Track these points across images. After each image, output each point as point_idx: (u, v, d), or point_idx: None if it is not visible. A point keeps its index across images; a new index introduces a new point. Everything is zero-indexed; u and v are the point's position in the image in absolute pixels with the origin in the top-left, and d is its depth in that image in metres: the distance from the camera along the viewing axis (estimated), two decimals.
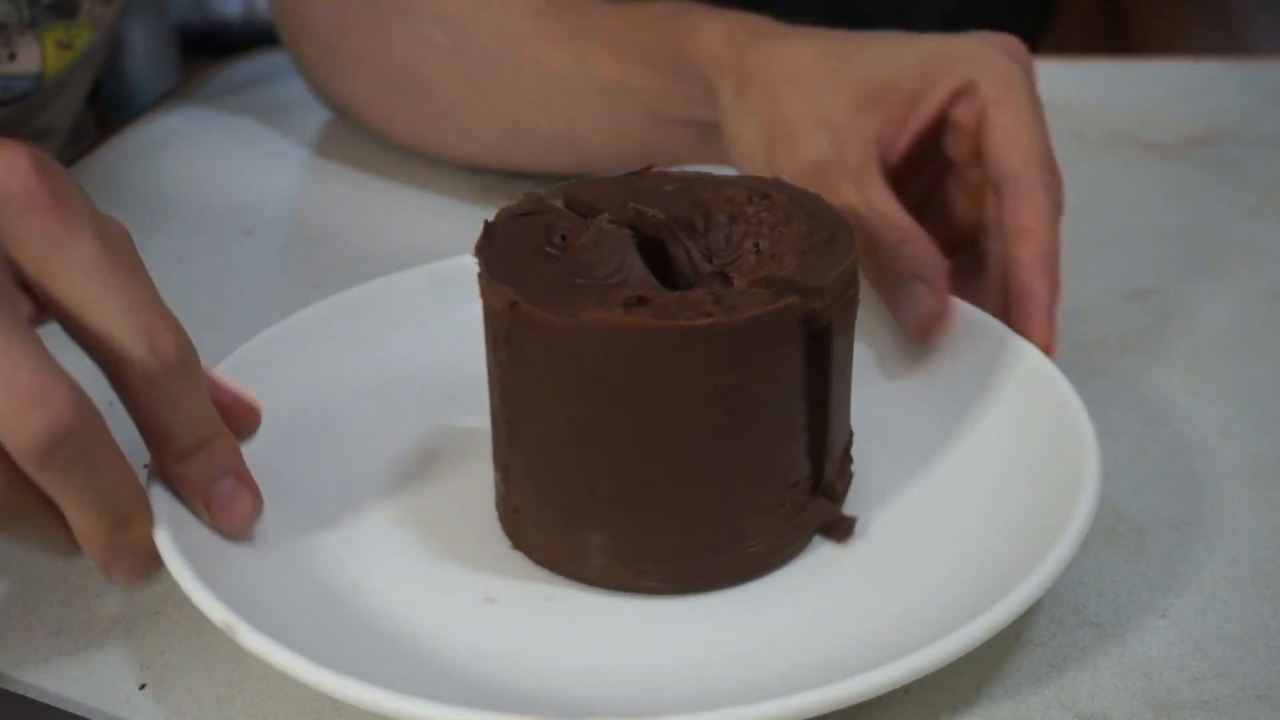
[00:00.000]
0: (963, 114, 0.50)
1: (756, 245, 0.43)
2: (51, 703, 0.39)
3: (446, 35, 0.66)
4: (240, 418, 0.43)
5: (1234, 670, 0.40)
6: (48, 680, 0.40)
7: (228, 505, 0.40)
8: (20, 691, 0.39)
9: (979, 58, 0.51)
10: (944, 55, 0.51)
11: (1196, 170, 0.76)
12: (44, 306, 0.37)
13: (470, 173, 0.75)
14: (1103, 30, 2.11)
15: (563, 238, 0.43)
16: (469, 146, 0.70)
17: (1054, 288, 0.48)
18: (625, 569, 0.42)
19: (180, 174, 0.77)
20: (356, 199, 0.75)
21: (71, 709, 0.39)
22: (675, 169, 0.47)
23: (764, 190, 0.45)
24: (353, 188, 0.76)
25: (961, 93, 0.50)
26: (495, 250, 0.42)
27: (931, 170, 0.54)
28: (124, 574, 0.38)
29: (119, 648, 0.41)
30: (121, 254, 0.37)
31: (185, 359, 0.38)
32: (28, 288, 0.37)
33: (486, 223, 0.44)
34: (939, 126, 0.52)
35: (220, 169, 0.78)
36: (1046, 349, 0.47)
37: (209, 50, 1.36)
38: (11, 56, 0.66)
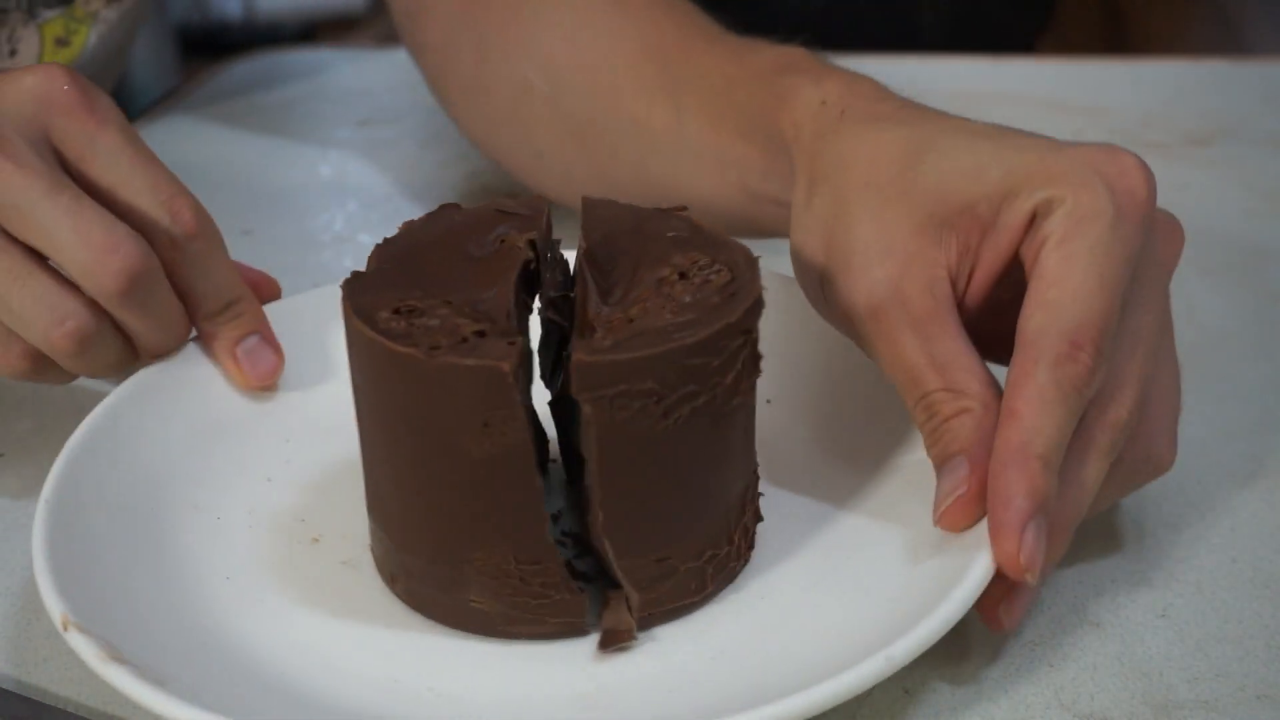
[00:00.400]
0: (1026, 248, 0.41)
1: (645, 310, 0.39)
2: (51, 703, 0.39)
3: (545, 82, 0.62)
4: (263, 289, 0.51)
5: (1233, 670, 0.40)
6: (48, 680, 0.40)
7: (253, 361, 0.48)
8: (20, 692, 0.40)
9: (1069, 180, 0.40)
10: (1030, 171, 0.41)
11: (1196, 170, 0.76)
12: (85, 191, 0.44)
13: (470, 175, 0.75)
14: (1103, 30, 2.11)
15: (501, 242, 0.42)
16: (568, 192, 0.63)
17: (1034, 493, 0.37)
18: (387, 570, 0.42)
19: (179, 174, 0.77)
20: (356, 200, 0.75)
21: (71, 709, 0.39)
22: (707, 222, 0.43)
23: (732, 264, 0.41)
24: (352, 188, 0.76)
25: (1037, 216, 0.41)
26: (418, 235, 0.43)
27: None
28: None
29: None
30: (142, 145, 0.46)
31: (204, 227, 0.46)
32: (71, 176, 0.44)
33: (443, 205, 0.44)
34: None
35: (219, 169, 0.78)
36: (1010, 569, 0.37)
37: (209, 50, 1.36)
38: (13, 53, 0.66)
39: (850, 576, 0.42)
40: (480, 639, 0.40)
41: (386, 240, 0.42)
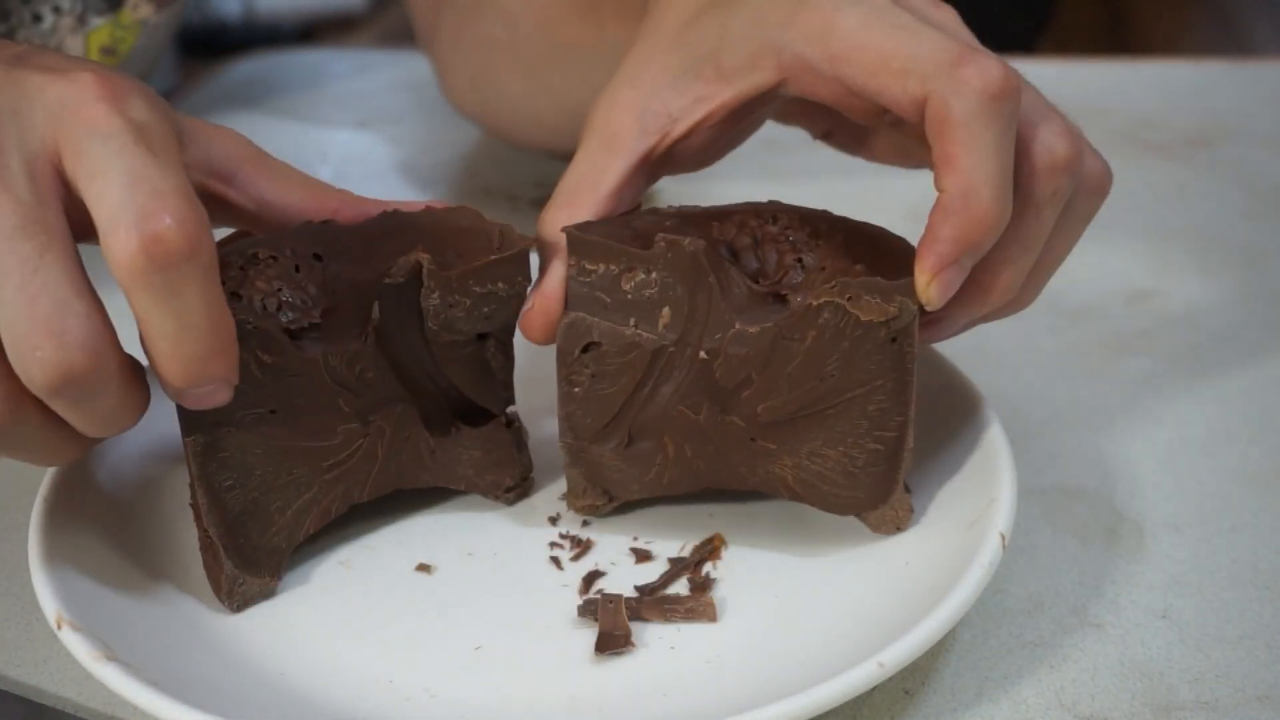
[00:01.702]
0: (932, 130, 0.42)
1: (799, 260, 0.42)
2: (51, 703, 0.39)
3: (504, 31, 0.67)
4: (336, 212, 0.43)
5: (1234, 671, 0.40)
6: (48, 680, 0.40)
7: (202, 399, 0.37)
8: (20, 692, 0.39)
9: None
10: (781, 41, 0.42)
11: (1196, 170, 0.76)
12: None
13: (471, 175, 0.75)
14: (1103, 30, 2.11)
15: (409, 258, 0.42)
16: (543, 136, 0.69)
17: (964, 241, 0.39)
18: None
19: None
20: None
21: (71, 709, 0.39)
22: (667, 206, 0.45)
23: (770, 212, 0.43)
24: (352, 189, 0.76)
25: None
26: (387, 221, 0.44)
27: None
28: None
29: None
30: (152, 144, 0.36)
31: (180, 254, 0.34)
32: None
33: (463, 206, 0.44)
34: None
35: None
36: (924, 295, 0.39)
37: (209, 50, 1.36)
38: None
39: (846, 584, 0.42)
40: (472, 642, 0.40)
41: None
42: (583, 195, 0.43)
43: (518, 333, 0.44)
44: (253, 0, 2.02)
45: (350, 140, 0.82)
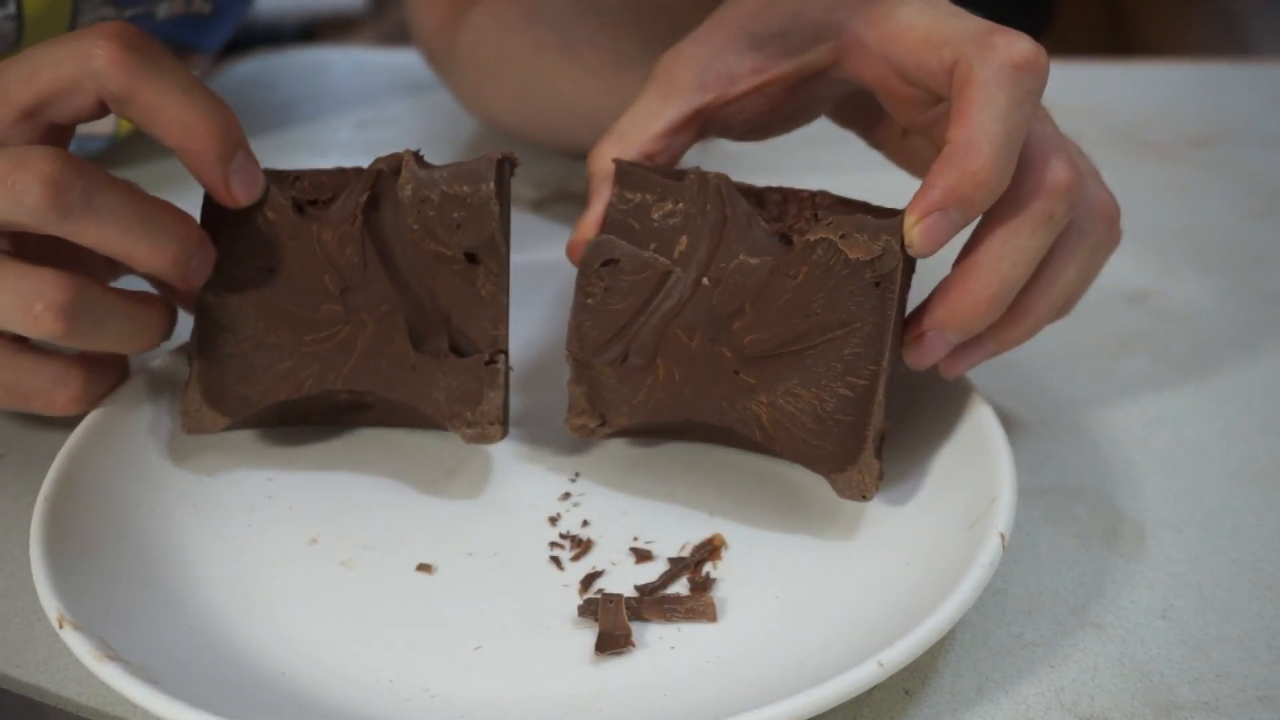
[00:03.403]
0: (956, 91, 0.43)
1: (815, 215, 0.45)
2: (51, 703, 0.39)
3: (557, 35, 0.68)
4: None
5: (1234, 671, 0.40)
6: (48, 680, 0.40)
7: (244, 178, 0.45)
8: (20, 692, 0.40)
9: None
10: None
11: (1196, 170, 0.76)
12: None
13: None
14: (1104, 31, 2.11)
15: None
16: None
17: (955, 192, 0.40)
18: None
19: (179, 174, 0.77)
20: None
21: (71, 709, 0.39)
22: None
23: (812, 193, 0.46)
24: None
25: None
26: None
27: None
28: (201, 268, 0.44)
29: None
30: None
31: (133, 64, 0.41)
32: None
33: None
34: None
35: None
36: (909, 235, 0.41)
37: None
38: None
39: (846, 584, 0.42)
40: (473, 642, 0.40)
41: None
42: (632, 134, 0.47)
43: (531, 331, 0.44)
44: (253, 1, 2.02)
45: (350, 141, 0.82)
